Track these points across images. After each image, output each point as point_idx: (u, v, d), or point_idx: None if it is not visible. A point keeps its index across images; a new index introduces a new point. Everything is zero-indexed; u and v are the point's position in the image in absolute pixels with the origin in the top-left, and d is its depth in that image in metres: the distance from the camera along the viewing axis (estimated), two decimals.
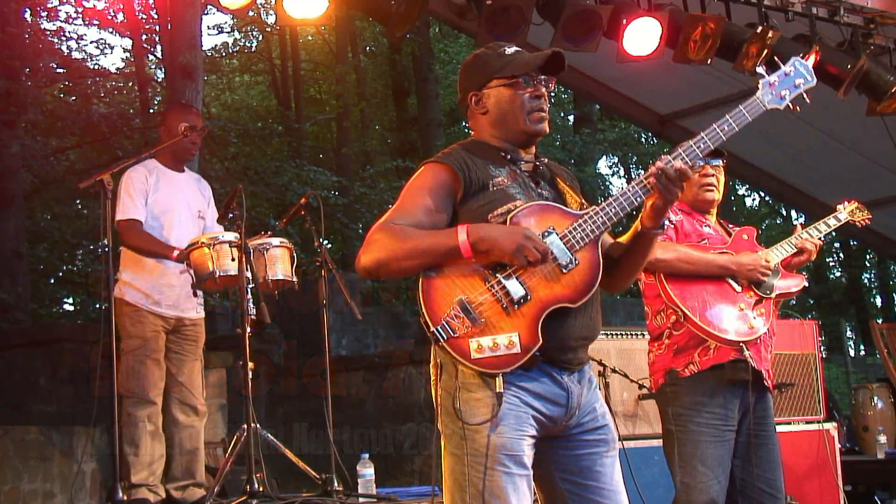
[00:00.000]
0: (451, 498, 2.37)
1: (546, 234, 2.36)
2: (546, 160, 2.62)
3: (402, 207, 2.42)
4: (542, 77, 2.52)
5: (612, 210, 2.40)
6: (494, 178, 2.44)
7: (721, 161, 3.67)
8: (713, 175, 3.65)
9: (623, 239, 2.57)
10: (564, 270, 2.34)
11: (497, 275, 2.33)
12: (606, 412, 2.54)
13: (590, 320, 2.44)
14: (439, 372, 2.40)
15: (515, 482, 2.30)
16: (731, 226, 3.78)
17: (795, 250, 3.64)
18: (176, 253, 4.45)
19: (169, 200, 4.66)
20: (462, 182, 2.40)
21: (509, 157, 2.51)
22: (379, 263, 2.36)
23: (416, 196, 2.43)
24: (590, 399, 2.49)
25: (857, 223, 3.94)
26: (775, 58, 2.61)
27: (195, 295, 4.44)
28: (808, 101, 2.55)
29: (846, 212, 3.90)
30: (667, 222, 2.47)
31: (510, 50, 2.55)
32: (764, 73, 2.57)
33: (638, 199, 2.42)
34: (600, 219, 2.39)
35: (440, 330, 2.30)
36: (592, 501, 2.43)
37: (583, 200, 2.53)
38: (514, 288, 2.31)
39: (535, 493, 2.45)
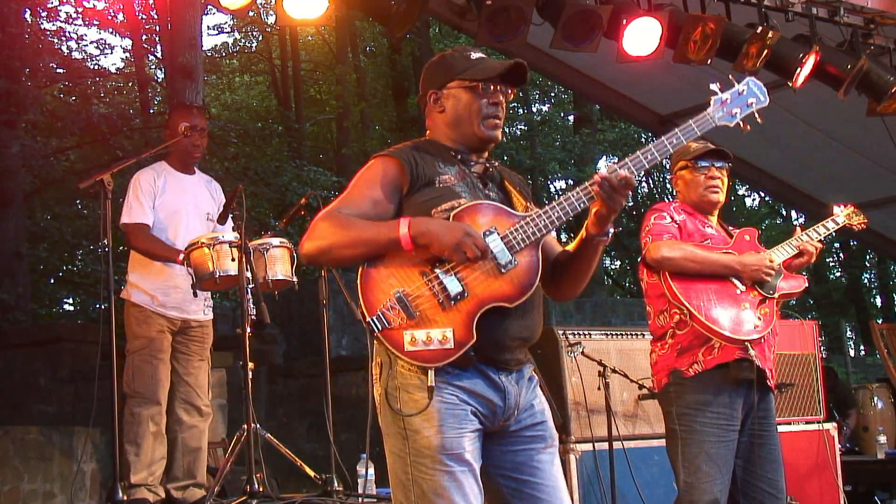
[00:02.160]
0: (396, 498, 2.39)
1: (487, 233, 2.37)
2: (497, 164, 2.64)
3: (348, 198, 2.45)
4: (501, 86, 2.54)
5: (555, 214, 2.41)
6: (441, 175, 2.46)
7: (726, 163, 3.68)
8: (719, 178, 3.66)
9: (570, 247, 2.58)
10: (503, 270, 2.35)
11: (435, 270, 2.34)
12: (546, 409, 2.54)
13: (529, 322, 2.44)
14: (381, 371, 2.43)
15: (458, 479, 2.31)
16: (731, 227, 3.78)
17: (796, 252, 3.64)
18: (181, 256, 4.46)
19: (176, 202, 4.66)
20: (409, 176, 2.43)
21: (459, 157, 2.54)
22: (321, 251, 2.39)
23: (364, 187, 2.46)
24: (528, 398, 2.49)
25: (854, 227, 3.94)
26: (730, 76, 2.67)
27: (195, 295, 4.44)
28: (759, 120, 2.61)
29: (843, 215, 3.91)
30: (611, 230, 2.49)
31: (475, 55, 2.57)
32: (717, 90, 2.61)
33: (581, 204, 2.42)
34: (542, 222, 2.40)
35: (375, 320, 2.34)
36: (531, 496, 2.44)
37: (529, 205, 2.54)
38: (452, 284, 2.33)
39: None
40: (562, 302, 2.79)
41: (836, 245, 23.46)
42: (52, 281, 16.22)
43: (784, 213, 24.93)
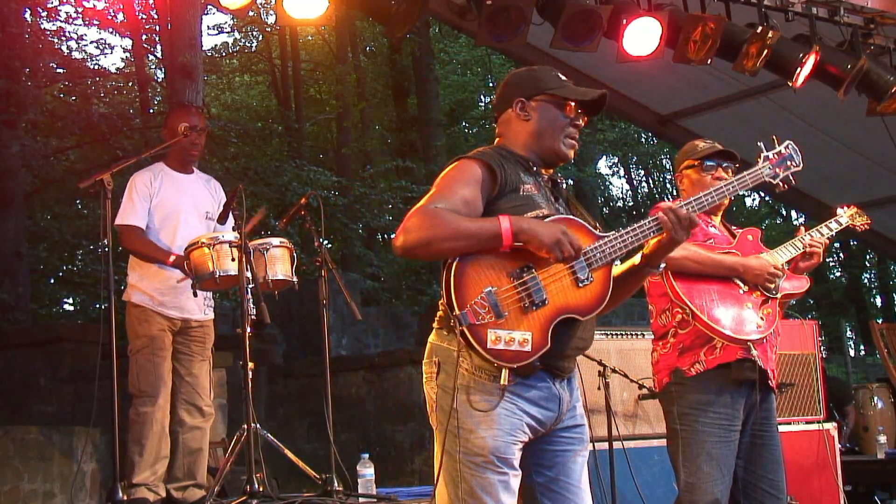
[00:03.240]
0: (443, 492, 2.45)
1: None
2: (563, 180, 2.74)
3: (440, 194, 2.47)
4: (582, 111, 2.67)
5: (630, 238, 2.54)
6: (524, 183, 2.54)
7: (733, 165, 3.68)
8: (724, 179, 3.65)
9: (616, 271, 2.65)
10: (580, 285, 2.46)
11: (524, 274, 2.41)
12: (584, 413, 2.66)
13: (587, 333, 2.57)
14: (437, 371, 2.48)
15: (507, 481, 2.40)
16: (734, 227, 3.78)
17: (801, 252, 3.64)
18: (172, 258, 4.46)
19: (174, 202, 4.66)
20: (498, 180, 2.49)
21: (535, 168, 2.62)
22: (421, 243, 2.39)
23: (454, 185, 2.48)
24: (573, 401, 2.60)
25: (857, 228, 3.94)
26: (773, 137, 3.03)
27: (195, 295, 4.44)
28: (794, 182, 2.97)
29: (846, 216, 3.90)
30: (663, 266, 2.71)
31: (563, 77, 2.69)
32: (763, 147, 2.93)
33: (651, 234, 2.57)
34: (618, 244, 2.52)
35: (465, 315, 2.35)
36: (560, 496, 2.52)
37: (597, 224, 2.63)
38: (537, 290, 2.40)
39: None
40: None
41: (837, 245, 23.45)
42: (52, 281, 16.23)
43: (784, 213, 24.95)
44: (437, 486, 2.47)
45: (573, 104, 2.63)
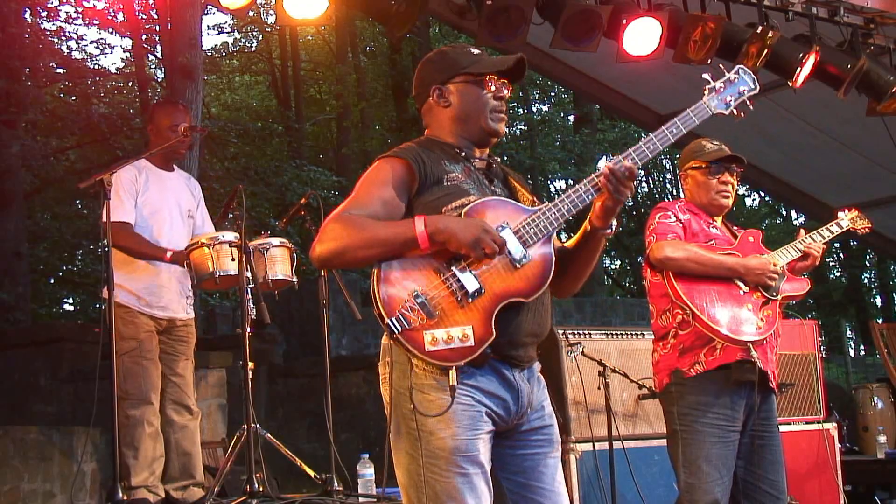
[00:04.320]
0: (407, 497, 2.38)
1: (500, 228, 2.35)
2: (497, 160, 2.64)
3: (357, 199, 2.41)
4: (505, 80, 2.55)
5: (565, 207, 2.42)
6: (449, 173, 2.45)
7: (739, 168, 3.69)
8: (730, 182, 3.66)
9: (570, 243, 2.58)
10: (518, 265, 2.34)
11: (452, 268, 2.32)
12: (552, 412, 2.54)
13: (540, 317, 2.44)
14: (390, 371, 2.40)
15: (472, 482, 2.31)
16: (735, 227, 3.78)
17: (801, 254, 3.64)
18: (169, 254, 4.44)
19: (159, 200, 4.62)
20: (417, 176, 2.40)
21: (463, 153, 2.52)
22: (334, 253, 2.35)
23: (372, 188, 2.42)
24: (539, 398, 2.49)
25: (858, 231, 3.95)
26: (720, 65, 2.69)
27: (195, 295, 4.43)
28: (751, 107, 2.64)
29: (847, 219, 3.91)
30: (614, 224, 2.51)
31: (475, 51, 2.57)
32: (709, 79, 2.63)
33: (589, 197, 2.43)
34: (553, 215, 2.40)
35: (395, 322, 2.29)
36: (534, 501, 2.44)
37: (535, 199, 2.54)
38: (469, 281, 2.31)
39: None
40: (562, 298, 2.79)
41: (836, 245, 23.46)
42: (52, 281, 16.24)
43: (784, 213, 24.94)
44: (401, 489, 2.39)
45: (493, 77, 2.51)
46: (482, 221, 2.34)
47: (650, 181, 26.66)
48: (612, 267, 26.95)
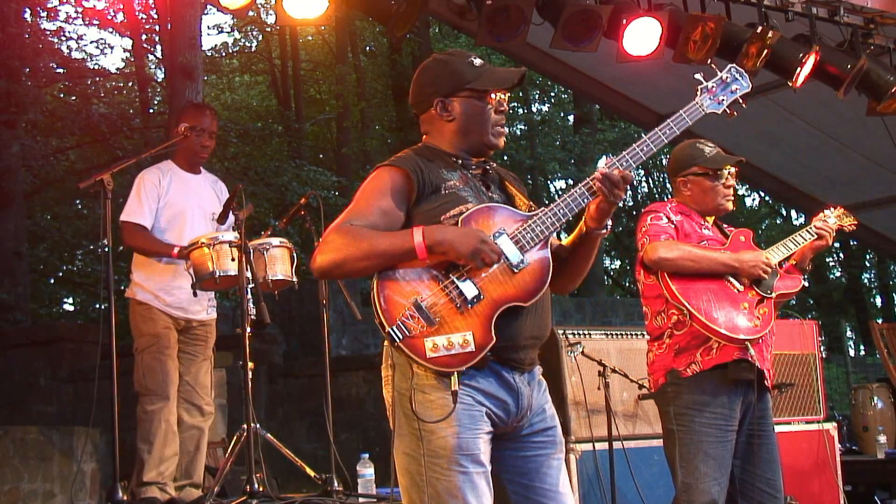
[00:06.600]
0: (408, 498, 2.40)
1: (497, 234, 2.39)
2: (495, 165, 2.65)
3: (356, 209, 2.44)
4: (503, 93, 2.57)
5: (560, 211, 2.45)
6: (447, 181, 2.47)
7: (737, 169, 3.70)
8: (732, 185, 3.68)
9: (566, 242, 2.61)
10: (515, 270, 2.38)
11: (450, 275, 2.36)
12: (555, 414, 2.56)
13: (540, 320, 2.47)
14: (393, 373, 2.43)
15: (473, 481, 2.33)
16: (727, 227, 3.79)
17: (793, 251, 3.66)
18: (176, 250, 4.46)
19: (182, 202, 4.66)
20: (416, 185, 2.44)
21: (460, 161, 2.55)
22: (334, 264, 2.38)
23: (371, 198, 2.45)
24: (540, 401, 2.51)
25: (845, 228, 3.95)
26: (712, 65, 2.71)
27: (195, 295, 4.44)
28: (744, 106, 2.65)
29: (833, 216, 3.91)
30: (609, 224, 2.54)
31: (478, 62, 2.57)
32: (702, 79, 2.64)
33: (584, 200, 2.46)
34: (549, 220, 2.43)
35: (396, 330, 2.33)
36: (537, 503, 2.46)
37: (531, 204, 2.56)
38: (467, 288, 2.35)
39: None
40: (561, 294, 2.80)
41: (836, 245, 23.44)
42: (52, 281, 16.24)
43: (784, 213, 24.94)
44: (402, 490, 2.41)
45: (495, 93, 2.54)
46: (479, 231, 2.37)
47: (650, 181, 26.67)
48: (612, 267, 26.95)
